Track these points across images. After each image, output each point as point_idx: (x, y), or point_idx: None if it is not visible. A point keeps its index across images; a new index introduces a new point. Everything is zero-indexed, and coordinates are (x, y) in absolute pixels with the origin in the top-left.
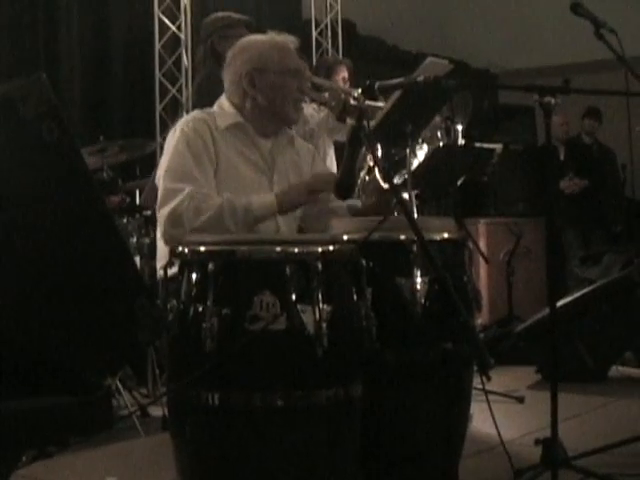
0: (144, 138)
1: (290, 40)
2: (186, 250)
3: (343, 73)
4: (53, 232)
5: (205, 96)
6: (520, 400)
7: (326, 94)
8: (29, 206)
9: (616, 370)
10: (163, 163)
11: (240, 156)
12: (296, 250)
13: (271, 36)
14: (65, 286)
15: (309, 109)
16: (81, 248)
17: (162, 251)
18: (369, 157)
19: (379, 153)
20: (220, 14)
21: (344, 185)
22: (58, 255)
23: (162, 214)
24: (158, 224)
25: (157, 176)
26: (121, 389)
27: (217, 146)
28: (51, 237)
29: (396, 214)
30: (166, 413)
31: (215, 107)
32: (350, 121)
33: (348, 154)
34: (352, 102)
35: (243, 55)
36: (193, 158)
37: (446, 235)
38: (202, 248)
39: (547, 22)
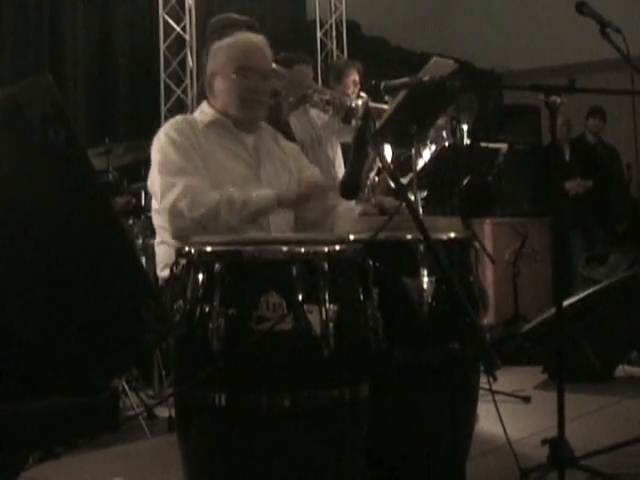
0: (149, 139)
1: (257, 39)
2: (192, 250)
3: (354, 76)
4: (60, 234)
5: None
6: (526, 400)
7: (329, 95)
8: (35, 208)
9: (622, 370)
10: (153, 168)
11: (225, 150)
12: (302, 250)
13: (233, 37)
14: (72, 287)
15: (314, 111)
16: (88, 250)
17: (161, 256)
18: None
19: (388, 153)
20: (223, 16)
21: (350, 185)
22: (65, 257)
23: (163, 208)
24: (156, 227)
25: (149, 182)
26: (127, 390)
27: (201, 143)
28: (57, 239)
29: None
30: (172, 414)
31: (196, 112)
32: (355, 122)
33: (354, 154)
34: (357, 103)
35: (209, 60)
36: (182, 156)
37: (452, 235)
38: (208, 248)
39: (551, 22)
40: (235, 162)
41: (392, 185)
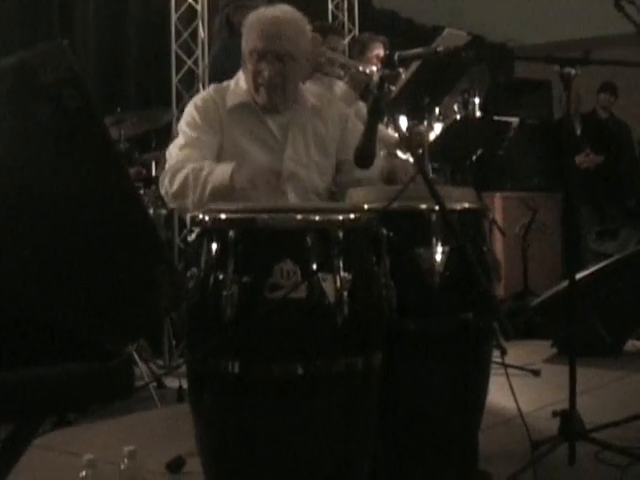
0: (161, 110)
1: (277, 15)
2: (206, 218)
3: (377, 50)
4: (74, 199)
5: (219, 68)
6: (536, 373)
7: (341, 71)
8: (49, 172)
9: (632, 344)
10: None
11: (247, 135)
12: (317, 218)
13: (254, 14)
14: (85, 252)
15: (340, 86)
16: (102, 215)
17: None
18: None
19: (403, 123)
20: None
21: (364, 154)
22: (80, 222)
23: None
24: None
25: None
26: (137, 360)
27: (223, 125)
28: (71, 204)
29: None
30: (182, 384)
31: (233, 81)
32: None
33: (369, 123)
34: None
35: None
36: (192, 129)
37: (467, 205)
38: (222, 216)
39: None
40: (254, 146)
41: (403, 155)
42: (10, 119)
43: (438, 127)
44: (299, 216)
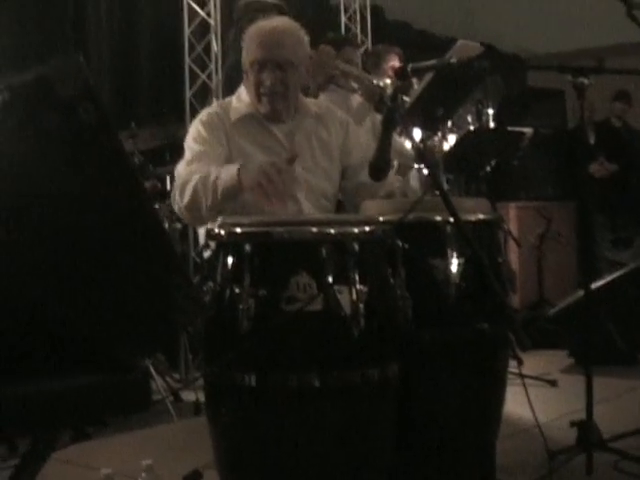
0: (174, 124)
1: (276, 26)
2: (222, 232)
3: (392, 61)
4: (90, 214)
5: (233, 82)
6: (552, 383)
7: (354, 83)
8: (66, 187)
9: None
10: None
11: (255, 144)
12: (332, 231)
13: (253, 26)
14: (101, 266)
15: (355, 99)
16: (118, 229)
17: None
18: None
19: (417, 135)
20: None
21: (379, 167)
22: (96, 236)
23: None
24: None
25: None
26: (154, 374)
27: (230, 138)
28: (88, 219)
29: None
30: (199, 398)
31: (234, 96)
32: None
33: (383, 136)
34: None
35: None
36: (200, 144)
37: (481, 216)
38: (238, 229)
39: (577, 4)
40: (263, 154)
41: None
42: (26, 132)
43: (452, 138)
44: (314, 229)
